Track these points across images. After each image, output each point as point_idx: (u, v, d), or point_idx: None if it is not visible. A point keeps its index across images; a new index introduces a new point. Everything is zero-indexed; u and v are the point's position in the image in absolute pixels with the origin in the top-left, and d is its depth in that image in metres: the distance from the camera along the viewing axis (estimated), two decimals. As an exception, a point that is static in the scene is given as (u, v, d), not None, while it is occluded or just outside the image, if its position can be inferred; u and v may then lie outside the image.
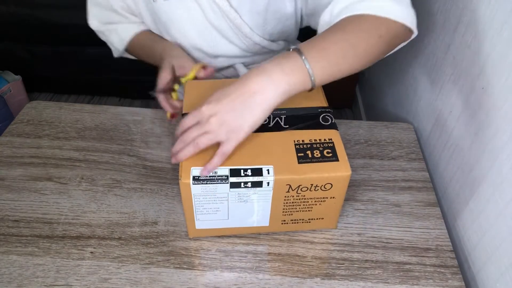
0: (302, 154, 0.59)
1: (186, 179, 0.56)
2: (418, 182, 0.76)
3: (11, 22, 1.67)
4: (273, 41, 0.84)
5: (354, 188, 0.74)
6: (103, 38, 0.89)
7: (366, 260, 0.64)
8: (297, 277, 0.61)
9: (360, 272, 0.62)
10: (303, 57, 0.53)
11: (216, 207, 0.60)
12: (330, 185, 0.58)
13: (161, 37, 0.84)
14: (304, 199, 0.60)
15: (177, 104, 0.78)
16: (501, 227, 0.58)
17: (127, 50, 0.89)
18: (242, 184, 0.57)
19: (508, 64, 0.59)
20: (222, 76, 0.90)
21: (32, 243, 0.65)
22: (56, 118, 0.88)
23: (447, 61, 0.79)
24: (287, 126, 0.62)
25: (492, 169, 0.62)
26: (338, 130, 0.62)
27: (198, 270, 0.62)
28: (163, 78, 0.76)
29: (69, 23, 1.62)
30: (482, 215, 0.64)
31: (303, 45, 0.55)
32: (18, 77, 1.77)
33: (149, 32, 0.86)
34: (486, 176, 0.63)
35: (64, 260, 0.63)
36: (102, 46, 0.90)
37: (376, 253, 0.65)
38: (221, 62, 0.86)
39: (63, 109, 0.90)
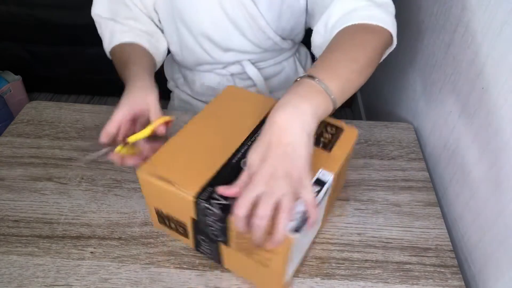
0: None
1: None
2: (418, 182, 0.76)
3: (11, 22, 1.67)
4: (284, 38, 0.85)
5: (354, 188, 0.74)
6: (98, 30, 0.82)
7: (366, 260, 0.64)
8: (297, 277, 0.61)
9: (360, 272, 0.62)
10: (316, 79, 0.52)
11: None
12: None
13: (143, 57, 0.73)
14: None
15: (130, 161, 0.60)
16: (501, 227, 0.58)
17: (111, 54, 0.79)
18: None
19: (508, 64, 0.59)
20: (227, 72, 0.90)
21: (32, 243, 0.65)
22: (56, 118, 0.88)
23: (447, 61, 0.79)
24: None
25: (492, 169, 0.62)
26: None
27: (198, 270, 0.62)
28: (115, 119, 0.58)
29: (69, 23, 1.62)
30: (482, 215, 0.64)
31: (312, 69, 0.54)
32: (18, 77, 1.77)
33: (138, 46, 0.75)
34: (486, 176, 0.63)
35: (64, 260, 0.63)
36: (102, 46, 0.90)
37: (376, 253, 0.65)
38: (230, 57, 0.86)
39: (63, 109, 0.90)
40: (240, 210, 0.46)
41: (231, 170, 0.55)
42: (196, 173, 0.55)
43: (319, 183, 0.54)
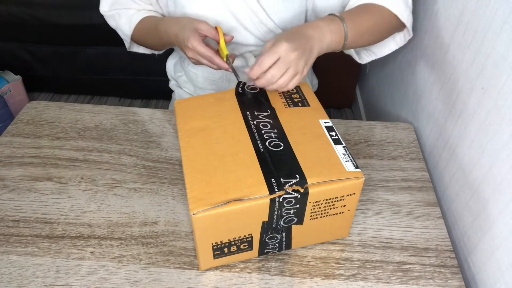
0: None
1: None
2: (418, 182, 0.76)
3: (11, 22, 1.67)
4: (284, 30, 0.85)
5: (354, 188, 0.74)
6: (112, 23, 0.88)
7: (366, 260, 0.64)
8: (297, 277, 0.61)
9: (360, 272, 0.62)
10: (345, 26, 0.70)
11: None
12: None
13: (164, 17, 0.84)
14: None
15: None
16: (501, 227, 0.58)
17: (134, 37, 0.88)
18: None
19: (508, 64, 0.59)
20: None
21: (32, 243, 0.65)
22: (56, 118, 0.88)
23: (447, 61, 0.79)
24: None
25: (492, 169, 0.62)
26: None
27: (198, 270, 0.62)
28: (206, 30, 0.72)
29: (69, 23, 1.62)
30: (482, 215, 0.64)
31: (344, 15, 0.72)
32: (18, 77, 1.77)
33: (152, 15, 0.86)
34: (486, 176, 0.63)
35: (64, 260, 0.63)
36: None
37: (376, 253, 0.65)
38: (232, 50, 0.86)
39: (63, 109, 0.90)
40: (253, 71, 0.65)
41: (269, 157, 0.58)
42: (243, 178, 0.55)
43: (329, 129, 0.64)
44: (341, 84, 1.65)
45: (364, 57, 0.87)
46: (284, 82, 0.66)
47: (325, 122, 0.65)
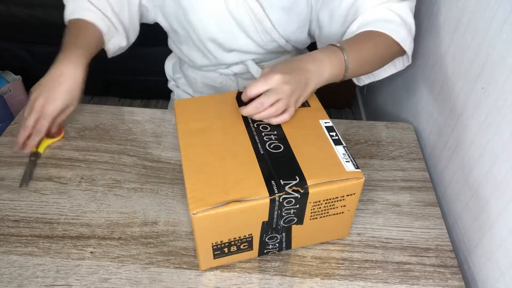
0: None
1: None
2: (418, 182, 0.76)
3: (11, 22, 1.67)
4: (287, 41, 0.85)
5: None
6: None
7: (366, 260, 0.64)
8: (297, 277, 0.61)
9: (360, 272, 0.62)
10: (346, 57, 0.66)
11: None
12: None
13: (86, 37, 0.80)
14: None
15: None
16: (501, 227, 0.58)
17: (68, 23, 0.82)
18: None
19: (508, 64, 0.59)
20: (231, 72, 0.90)
21: (32, 243, 0.65)
22: (56, 118, 0.88)
23: (447, 61, 0.79)
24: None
25: (492, 169, 0.62)
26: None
27: (198, 270, 0.62)
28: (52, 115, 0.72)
29: (69, 23, 1.62)
30: (482, 215, 0.64)
31: (345, 45, 0.68)
32: (18, 77, 1.77)
33: (90, 25, 0.80)
34: (486, 176, 0.63)
35: (64, 260, 0.63)
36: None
37: (376, 253, 0.65)
38: (233, 57, 0.86)
39: (63, 109, 0.90)
40: (245, 93, 0.63)
41: (269, 160, 0.58)
42: (244, 179, 0.55)
43: (329, 129, 0.64)
44: (341, 84, 1.65)
45: (362, 80, 0.86)
46: (272, 112, 0.62)
47: (325, 122, 0.65)
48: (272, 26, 0.79)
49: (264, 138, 0.61)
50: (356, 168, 0.57)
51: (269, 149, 0.59)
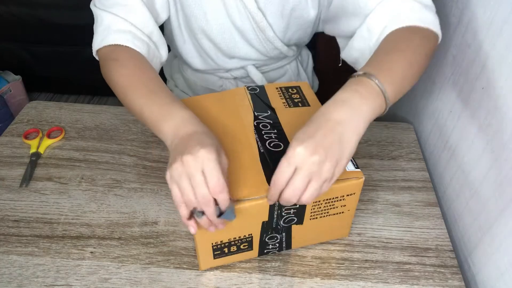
0: None
1: None
2: (418, 182, 0.76)
3: (11, 22, 1.67)
4: (289, 46, 0.85)
5: (354, 188, 0.74)
6: (94, 26, 0.69)
7: (366, 260, 0.64)
8: (297, 277, 0.61)
9: (360, 272, 0.62)
10: (377, 81, 0.52)
11: None
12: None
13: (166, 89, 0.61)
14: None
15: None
16: (501, 227, 0.58)
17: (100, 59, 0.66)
18: None
19: (508, 64, 0.59)
20: (231, 76, 0.90)
21: (32, 243, 0.65)
22: (56, 118, 0.88)
23: (447, 61, 0.79)
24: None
25: (492, 169, 0.62)
26: None
27: (198, 270, 0.62)
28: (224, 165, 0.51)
29: (69, 23, 1.62)
30: (482, 215, 0.64)
31: (370, 69, 0.53)
32: (18, 77, 1.77)
33: (144, 59, 0.64)
34: (486, 176, 0.63)
35: (64, 260, 0.63)
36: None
37: (376, 253, 0.65)
38: (234, 63, 0.86)
39: (63, 109, 0.90)
40: (272, 190, 0.50)
41: (270, 158, 0.58)
42: (244, 178, 0.55)
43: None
44: (341, 84, 1.65)
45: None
46: (310, 196, 0.49)
47: None
48: (274, 35, 0.79)
49: (265, 136, 0.61)
50: (356, 168, 0.57)
51: (269, 147, 0.59)
